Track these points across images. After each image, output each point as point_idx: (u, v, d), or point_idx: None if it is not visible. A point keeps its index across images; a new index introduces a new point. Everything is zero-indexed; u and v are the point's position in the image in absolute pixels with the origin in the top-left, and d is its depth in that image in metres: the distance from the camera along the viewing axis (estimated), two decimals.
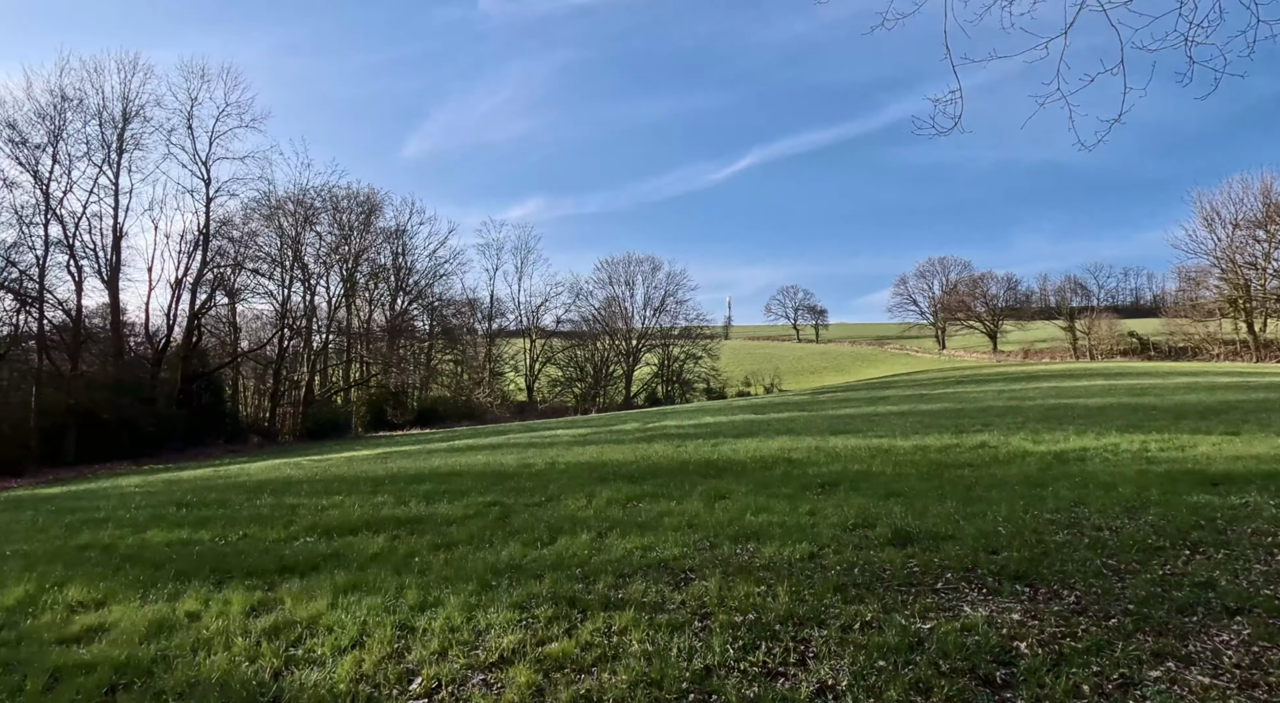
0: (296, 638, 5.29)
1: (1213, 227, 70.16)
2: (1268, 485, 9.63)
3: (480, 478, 13.09)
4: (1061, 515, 8.48)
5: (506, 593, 6.11)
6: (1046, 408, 24.27)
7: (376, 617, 5.59)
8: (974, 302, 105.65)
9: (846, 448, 15.38)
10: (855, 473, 12.11)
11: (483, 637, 5.22)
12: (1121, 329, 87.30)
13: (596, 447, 18.42)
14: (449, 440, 30.36)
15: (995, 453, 13.87)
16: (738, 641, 5.03)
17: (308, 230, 59.75)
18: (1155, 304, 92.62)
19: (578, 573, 6.68)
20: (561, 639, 5.10)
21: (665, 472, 12.93)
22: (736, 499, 10.06)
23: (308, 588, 6.46)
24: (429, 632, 5.31)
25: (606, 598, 5.91)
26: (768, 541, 7.66)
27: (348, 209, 64.76)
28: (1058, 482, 10.51)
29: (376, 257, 68.62)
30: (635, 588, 6.18)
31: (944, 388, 44.91)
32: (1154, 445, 13.90)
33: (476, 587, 6.31)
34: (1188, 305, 75.18)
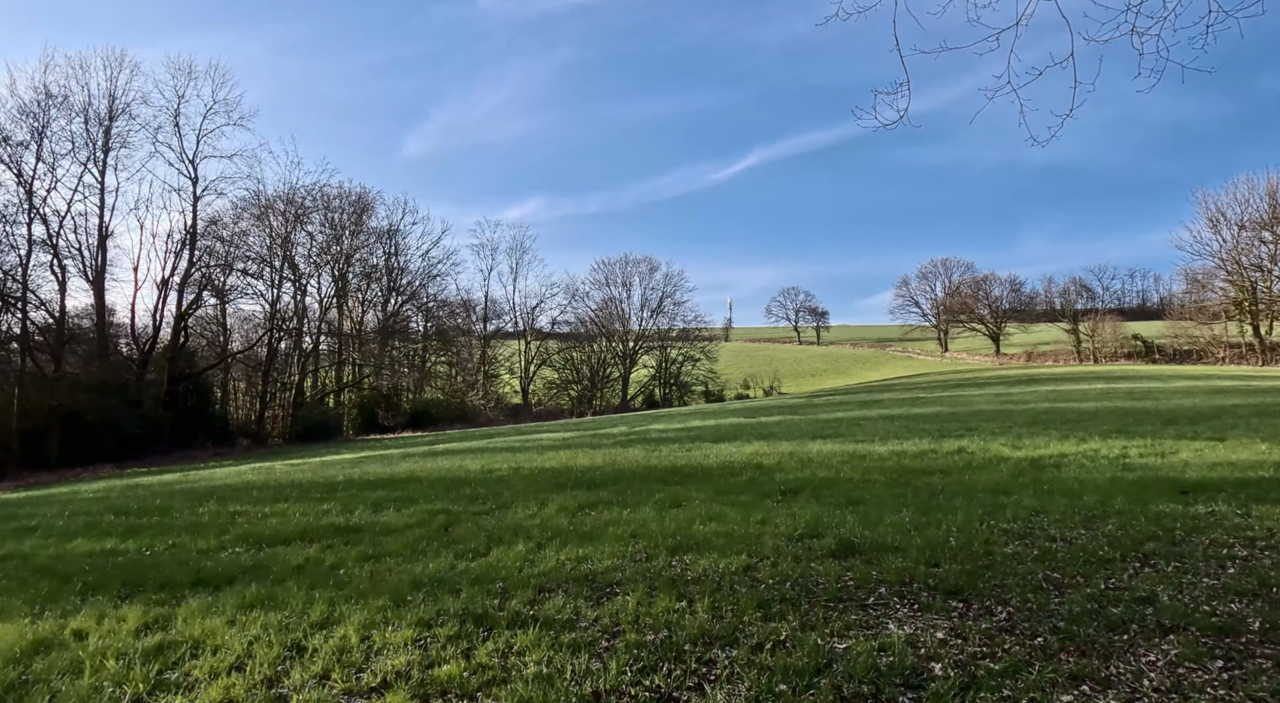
0: (177, 659, 5.10)
1: (1218, 228, 69.80)
2: (1238, 494, 9.43)
3: (437, 484, 12.90)
4: (1018, 525, 8.29)
5: (416, 609, 5.92)
6: (1038, 412, 24.07)
7: (268, 636, 5.40)
8: (977, 304, 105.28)
9: (821, 453, 15.18)
10: (821, 480, 11.92)
11: (373, 658, 5.03)
12: (1125, 332, 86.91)
13: (571, 451, 18.20)
14: (433, 444, 30.17)
15: (971, 459, 13.68)
16: (639, 662, 4.84)
17: (298, 230, 59.63)
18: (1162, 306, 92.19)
19: (498, 588, 6.49)
20: (455, 661, 4.91)
21: (629, 478, 12.75)
22: (691, 507, 9.87)
23: (212, 604, 6.28)
24: (318, 652, 5.12)
25: (518, 615, 5.72)
26: (708, 551, 7.47)
27: (339, 209, 64.63)
28: (1025, 489, 10.31)
29: (369, 257, 68.50)
30: (552, 604, 5.99)
31: (941, 391, 44.74)
32: (1134, 451, 13.72)
33: (389, 602, 6.12)
34: (1193, 308, 74.81)
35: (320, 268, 63.01)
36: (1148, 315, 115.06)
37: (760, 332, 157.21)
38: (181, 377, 51.48)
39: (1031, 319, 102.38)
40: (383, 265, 68.65)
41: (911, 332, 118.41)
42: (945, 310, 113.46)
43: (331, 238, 63.61)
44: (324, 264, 63.09)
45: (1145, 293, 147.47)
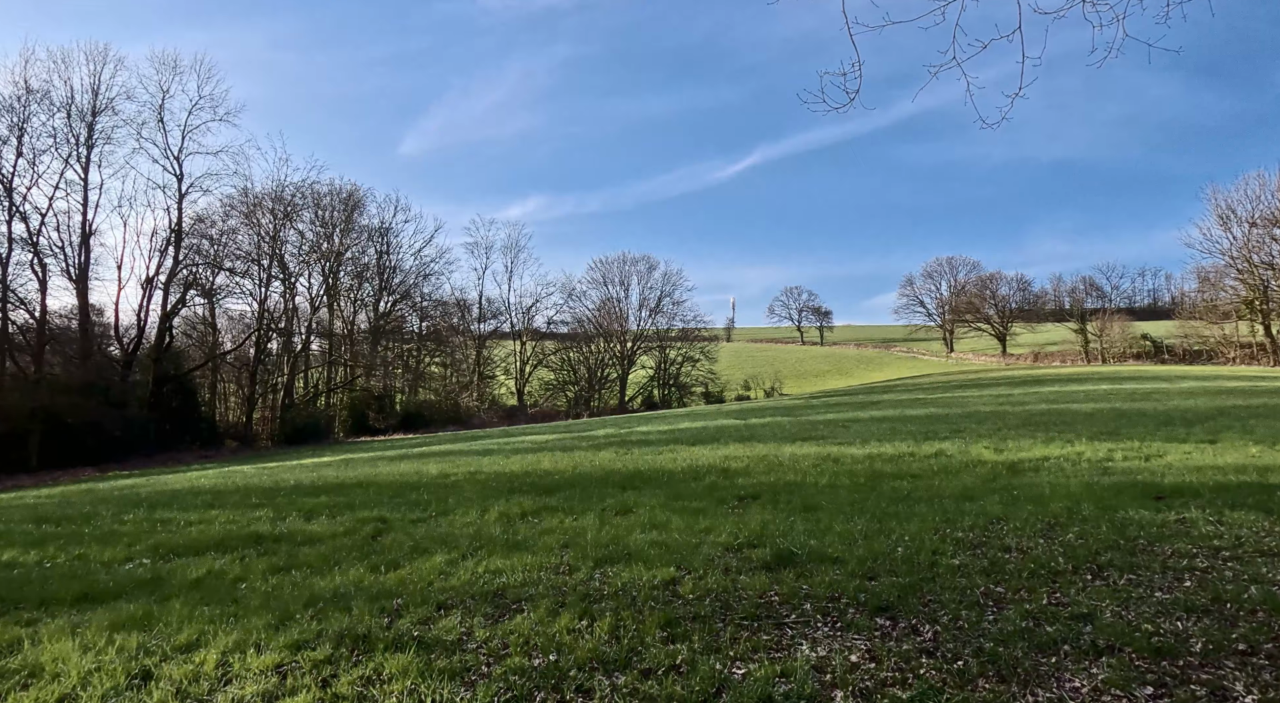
0: (8, 689, 4.74)
1: (1228, 225, 69.12)
2: (1214, 499, 9.05)
3: (386, 490, 12.59)
4: (975, 534, 7.91)
5: (297, 629, 5.55)
6: (1033, 414, 23.70)
7: (117, 662, 5.03)
8: (983, 303, 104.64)
9: (794, 457, 14.82)
10: (786, 484, 11.56)
11: (220, 689, 4.65)
12: (1134, 332, 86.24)
13: (540, 454, 17.91)
14: (414, 447, 29.90)
15: (948, 463, 13.32)
16: (510, 691, 4.47)
17: (287, 228, 59.38)
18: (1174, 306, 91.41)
19: (395, 605, 6.12)
20: (311, 690, 4.53)
21: (586, 483, 12.42)
22: (637, 514, 9.51)
23: (80, 623, 5.91)
24: (166, 680, 4.75)
25: (401, 636, 5.35)
26: (636, 563, 7.10)
27: (330, 206, 64.42)
28: (993, 495, 9.92)
29: (361, 255, 68.23)
30: (445, 623, 5.62)
31: (941, 392, 44.35)
32: (1119, 454, 13.37)
33: (273, 620, 5.76)
34: (1203, 307, 74.13)
35: (310, 266, 62.79)
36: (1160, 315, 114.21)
37: (763, 332, 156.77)
38: (166, 378, 51.24)
39: (1038, 319, 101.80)
40: (374, 264, 68.40)
41: (916, 332, 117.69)
42: (950, 310, 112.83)
43: (322, 236, 63.41)
44: (314, 263, 62.85)
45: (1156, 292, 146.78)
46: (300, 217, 61.53)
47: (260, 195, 57.08)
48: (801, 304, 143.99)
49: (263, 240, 56.81)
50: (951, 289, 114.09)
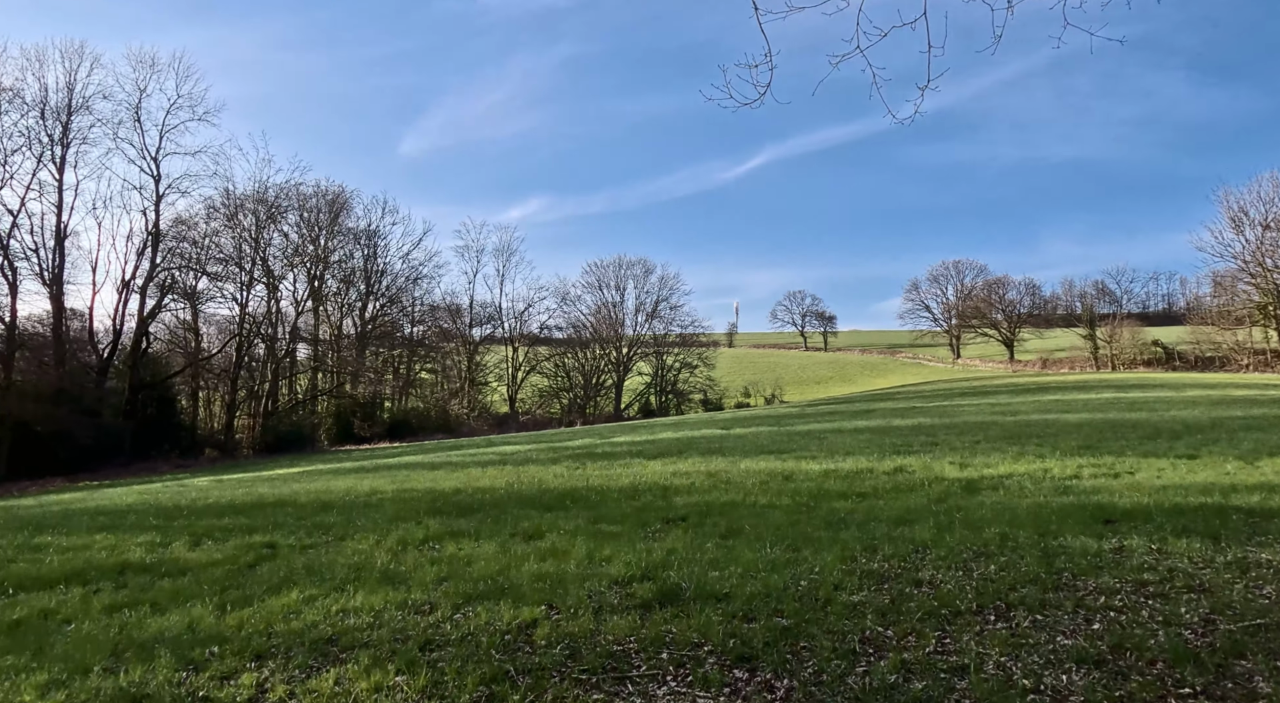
0: None
1: (1241, 228, 68.26)
2: (1165, 524, 8.53)
3: (302, 509, 12.14)
4: (891, 565, 7.40)
5: (79, 685, 5.05)
6: (1021, 424, 23.21)
7: None
8: (990, 308, 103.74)
9: (747, 473, 14.33)
10: (722, 505, 11.05)
11: None
12: (1145, 337, 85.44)
13: (489, 468, 17.47)
14: (389, 457, 29.59)
15: (904, 480, 12.83)
16: None
17: (270, 230, 59.02)
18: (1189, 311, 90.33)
19: (210, 653, 5.61)
20: None
21: (513, 502, 11.95)
22: (546, 540, 9.00)
23: None
24: None
25: (188, 696, 4.85)
26: (507, 600, 6.61)
27: (315, 208, 64.07)
28: (931, 518, 9.40)
29: (348, 259, 67.87)
30: (246, 679, 5.11)
31: (939, 400, 43.83)
32: (1088, 472, 12.88)
33: (61, 674, 5.27)
34: (1214, 312, 73.34)
35: (295, 269, 62.41)
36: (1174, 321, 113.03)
37: (766, 337, 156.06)
38: (142, 385, 50.89)
39: (1046, 324, 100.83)
40: (360, 268, 68.05)
41: (922, 337, 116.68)
42: (957, 315, 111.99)
43: (307, 238, 63.07)
44: (298, 265, 62.50)
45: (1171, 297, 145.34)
46: (285, 218, 61.27)
47: (242, 197, 56.79)
48: (805, 309, 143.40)
49: (244, 243, 56.50)
50: (958, 294, 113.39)
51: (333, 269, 66.16)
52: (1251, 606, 5.92)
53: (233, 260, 55.73)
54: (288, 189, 60.27)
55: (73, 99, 48.02)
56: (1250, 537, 7.99)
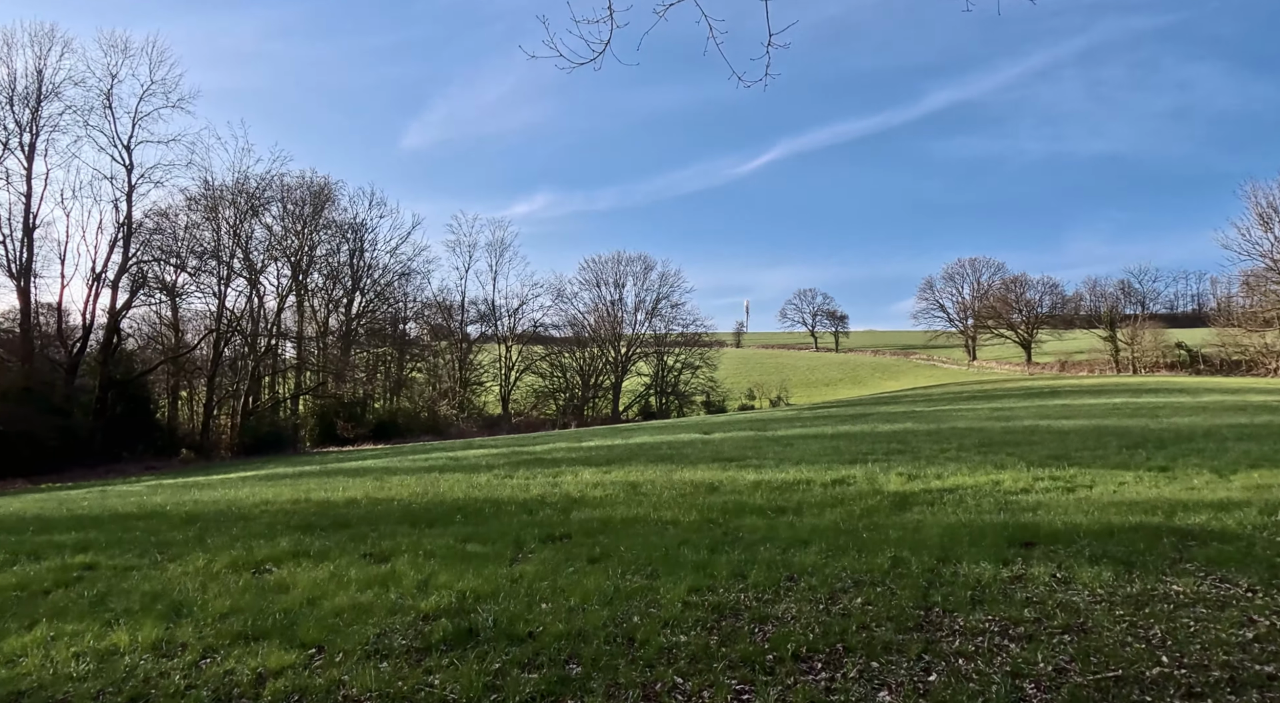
0: None
1: (1270, 225, 66.80)
2: (1086, 548, 7.89)
3: (164, 522, 11.57)
4: (749, 596, 6.76)
5: None
6: (1006, 431, 22.46)
7: None
8: (1007, 309, 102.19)
9: (675, 483, 13.71)
10: (620, 520, 10.39)
11: None
12: (1168, 339, 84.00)
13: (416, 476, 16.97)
14: (351, 461, 29.19)
15: (837, 493, 12.20)
16: None
17: (250, 222, 58.50)
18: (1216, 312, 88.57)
19: None
20: None
21: (395, 516, 11.37)
22: (391, 563, 8.37)
23: None
24: None
25: None
26: (277, 639, 5.98)
27: (301, 200, 63.53)
28: (827, 539, 8.71)
29: (335, 253, 67.41)
30: None
31: (943, 404, 43.10)
32: (1043, 484, 12.26)
33: None
34: (1242, 314, 71.89)
35: (278, 262, 61.91)
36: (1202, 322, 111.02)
37: (775, 337, 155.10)
38: (113, 382, 50.53)
39: (1065, 325, 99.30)
40: (347, 262, 67.61)
41: (937, 338, 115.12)
42: (973, 315, 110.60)
43: (290, 230, 62.58)
44: (281, 259, 62.06)
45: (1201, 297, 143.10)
46: (267, 210, 60.76)
47: (220, 187, 56.32)
48: (816, 308, 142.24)
49: (223, 234, 56.07)
50: (974, 293, 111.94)
51: (317, 263, 65.76)
52: (1123, 652, 5.22)
53: (211, 253, 55.27)
54: (270, 179, 59.83)
55: (42, 85, 47.75)
56: (1173, 564, 7.28)
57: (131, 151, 50.42)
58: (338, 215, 66.29)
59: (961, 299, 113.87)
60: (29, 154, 47.67)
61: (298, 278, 63.26)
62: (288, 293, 62.59)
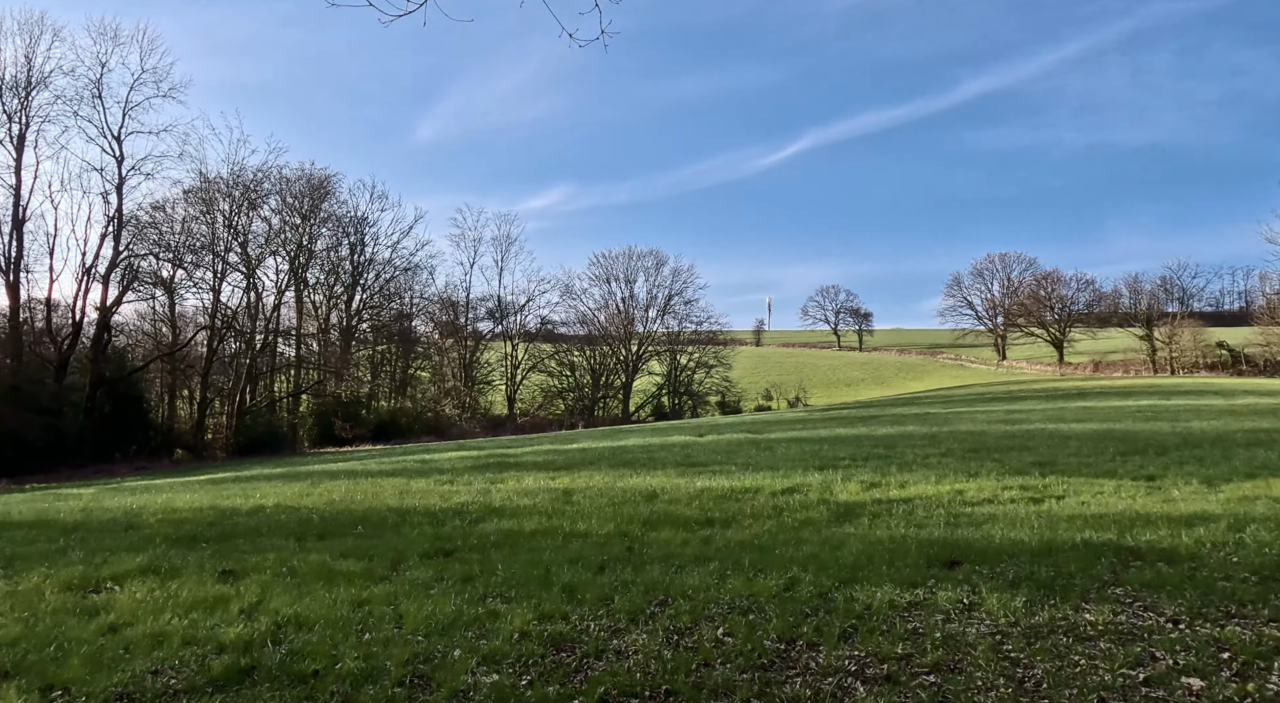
0: None
1: None
2: (1009, 571, 7.34)
3: (47, 531, 11.16)
4: (593, 626, 6.18)
5: None
6: (1005, 436, 21.79)
7: None
8: (1039, 307, 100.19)
9: (612, 490, 13.28)
10: (528, 533, 9.88)
11: None
12: (1209, 338, 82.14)
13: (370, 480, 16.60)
14: (335, 463, 28.72)
15: (782, 502, 11.71)
16: None
17: (245, 215, 58.35)
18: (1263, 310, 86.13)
19: None
20: None
21: (292, 527, 10.86)
22: (240, 582, 7.84)
23: None
24: None
25: None
26: (20, 677, 5.45)
27: (300, 193, 63.33)
28: (734, 556, 8.08)
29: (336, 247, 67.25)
30: None
31: (957, 406, 42.29)
32: (1009, 494, 11.74)
33: None
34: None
35: (277, 256, 61.76)
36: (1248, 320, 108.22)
37: (797, 336, 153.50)
38: (103, 380, 50.60)
39: (1099, 324, 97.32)
40: (347, 257, 67.45)
41: (964, 337, 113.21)
42: (1003, 313, 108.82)
43: (286, 224, 62.45)
44: (279, 253, 61.91)
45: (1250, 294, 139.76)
46: (265, 202, 60.62)
47: (214, 179, 56.19)
48: (839, 305, 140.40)
49: (218, 227, 55.92)
50: (1004, 290, 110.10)
51: (317, 258, 65.62)
52: (983, 698, 4.56)
53: (205, 246, 55.15)
54: (267, 171, 59.61)
55: (32, 74, 47.79)
56: (1101, 588, 6.66)
57: (122, 142, 50.35)
58: (338, 209, 66.11)
59: (991, 296, 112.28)
60: (18, 145, 47.73)
61: (296, 273, 63.13)
62: (285, 288, 62.48)
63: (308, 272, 64.90)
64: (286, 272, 62.64)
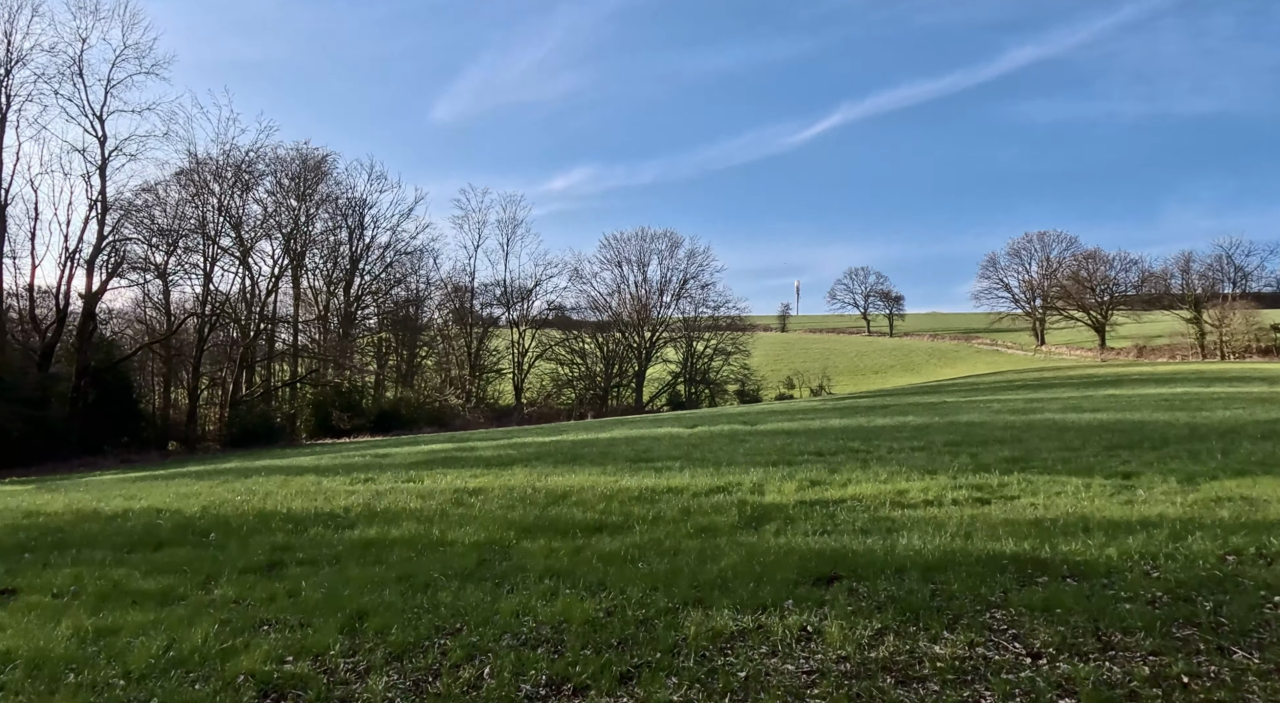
0: None
1: None
2: (886, 589, 6.78)
3: None
4: (361, 658, 5.36)
5: None
6: (1001, 427, 21.14)
7: None
8: (1080, 289, 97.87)
9: (516, 490, 12.68)
10: (390, 541, 9.36)
11: None
12: (1262, 322, 79.76)
13: (286, 477, 15.93)
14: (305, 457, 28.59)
15: (700, 503, 11.11)
16: None
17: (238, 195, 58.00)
18: None
19: None
20: None
21: (126, 537, 10.31)
22: (8, 603, 7.18)
23: None
24: None
25: None
26: None
27: (297, 174, 62.98)
28: (587, 569, 7.34)
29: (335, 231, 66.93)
30: None
31: (979, 395, 41.42)
32: (955, 495, 11.21)
33: None
34: None
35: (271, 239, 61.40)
36: None
37: (825, 321, 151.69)
38: (88, 370, 50.63)
39: (1144, 306, 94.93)
40: (345, 241, 67.10)
41: (1001, 321, 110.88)
42: (1041, 295, 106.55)
43: (281, 207, 62.14)
44: (275, 236, 61.54)
45: None
46: (259, 184, 60.28)
47: (204, 159, 55.87)
48: (869, 288, 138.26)
49: (207, 210, 55.65)
50: (1043, 270, 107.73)
51: (316, 242, 65.31)
52: None
53: (197, 230, 54.90)
54: (260, 151, 59.22)
55: (10, 51, 47.67)
56: (979, 613, 6.02)
57: (104, 122, 49.99)
58: (335, 190, 65.70)
59: (1028, 277, 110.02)
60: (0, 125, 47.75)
61: (292, 256, 62.85)
62: (280, 273, 62.18)
63: (305, 257, 64.62)
64: (282, 255, 62.35)
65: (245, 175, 57.89)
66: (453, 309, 75.33)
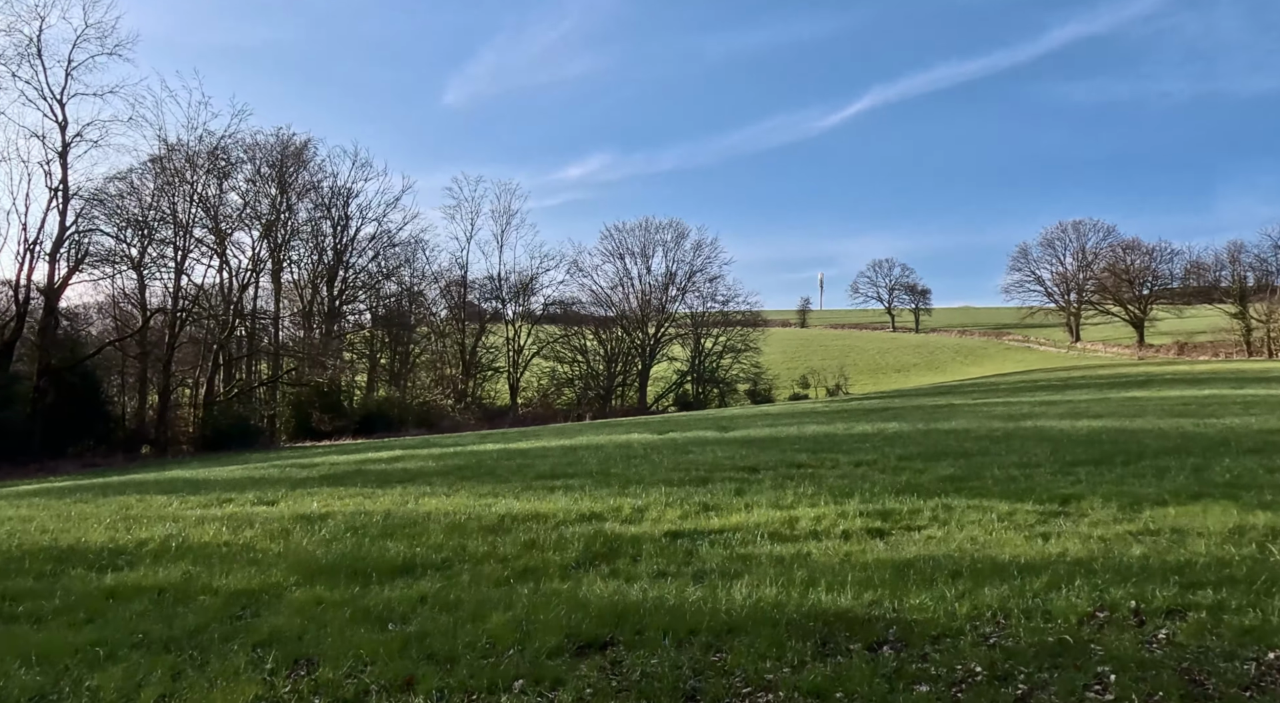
0: None
1: None
2: (640, 665, 5.50)
3: None
4: None
5: None
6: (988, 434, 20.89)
7: None
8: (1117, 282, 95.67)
9: (361, 519, 11.67)
10: (148, 587, 8.49)
11: None
12: None
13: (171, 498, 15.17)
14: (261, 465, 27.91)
15: (551, 534, 10.04)
16: None
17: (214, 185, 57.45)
18: None
19: None
20: None
21: None
22: None
23: None
24: None
25: None
26: None
27: (277, 161, 62.35)
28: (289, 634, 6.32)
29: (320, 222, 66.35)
30: None
31: (992, 397, 40.87)
32: (853, 525, 10.38)
33: None
34: None
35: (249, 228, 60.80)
36: None
37: (848, 316, 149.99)
38: (48, 369, 50.26)
39: (1183, 300, 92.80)
40: (328, 232, 66.50)
41: (1033, 316, 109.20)
42: (1075, 289, 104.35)
43: (261, 194, 61.55)
44: (251, 226, 60.94)
45: None
46: (238, 171, 59.66)
47: (175, 145, 55.20)
48: (894, 281, 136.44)
49: (178, 199, 55.04)
50: (1078, 262, 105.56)
51: (299, 233, 64.74)
52: None
53: (165, 219, 54.36)
54: (235, 136, 58.52)
55: None
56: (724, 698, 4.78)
57: (65, 106, 49.46)
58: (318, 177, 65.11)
59: (1062, 269, 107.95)
60: None
61: (272, 248, 62.32)
62: (259, 266, 61.63)
63: (286, 249, 64.10)
64: (261, 246, 61.74)
65: (221, 161, 57.27)
66: (447, 304, 74.70)
